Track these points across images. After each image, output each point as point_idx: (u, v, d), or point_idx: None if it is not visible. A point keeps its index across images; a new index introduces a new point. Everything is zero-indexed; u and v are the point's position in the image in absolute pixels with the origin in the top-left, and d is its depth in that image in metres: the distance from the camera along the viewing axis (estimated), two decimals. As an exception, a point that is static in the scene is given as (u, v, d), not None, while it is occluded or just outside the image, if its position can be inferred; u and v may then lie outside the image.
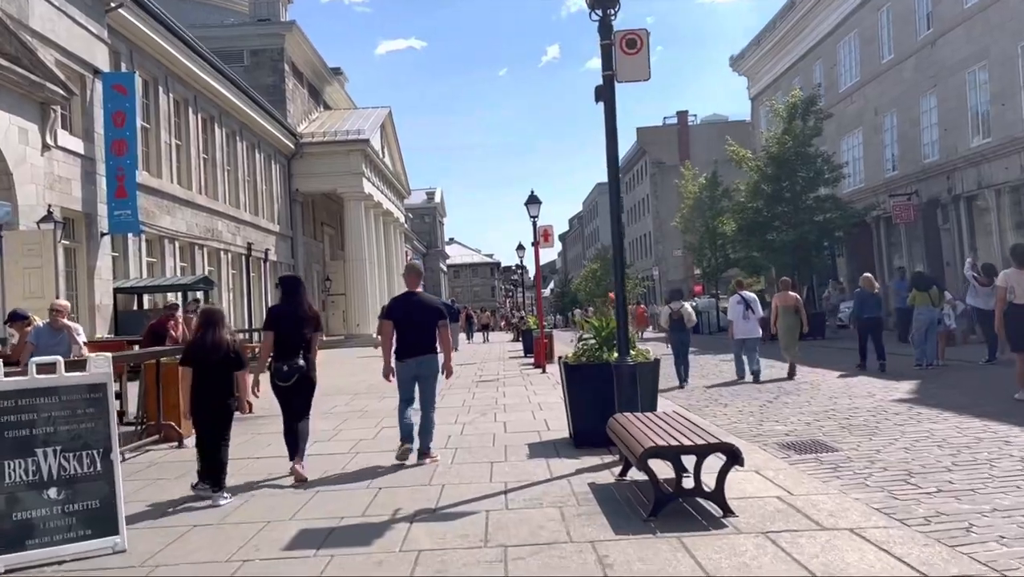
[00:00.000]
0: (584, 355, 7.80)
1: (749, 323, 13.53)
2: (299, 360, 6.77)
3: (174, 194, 25.14)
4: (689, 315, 13.92)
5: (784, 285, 14.80)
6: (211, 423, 6.33)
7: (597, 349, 7.80)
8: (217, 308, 7.41)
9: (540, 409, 10.70)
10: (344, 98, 51.93)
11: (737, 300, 13.86)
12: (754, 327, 13.57)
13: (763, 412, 9.70)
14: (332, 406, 11.93)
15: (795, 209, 25.34)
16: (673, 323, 13.74)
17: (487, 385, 14.49)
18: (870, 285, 14.59)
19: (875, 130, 28.18)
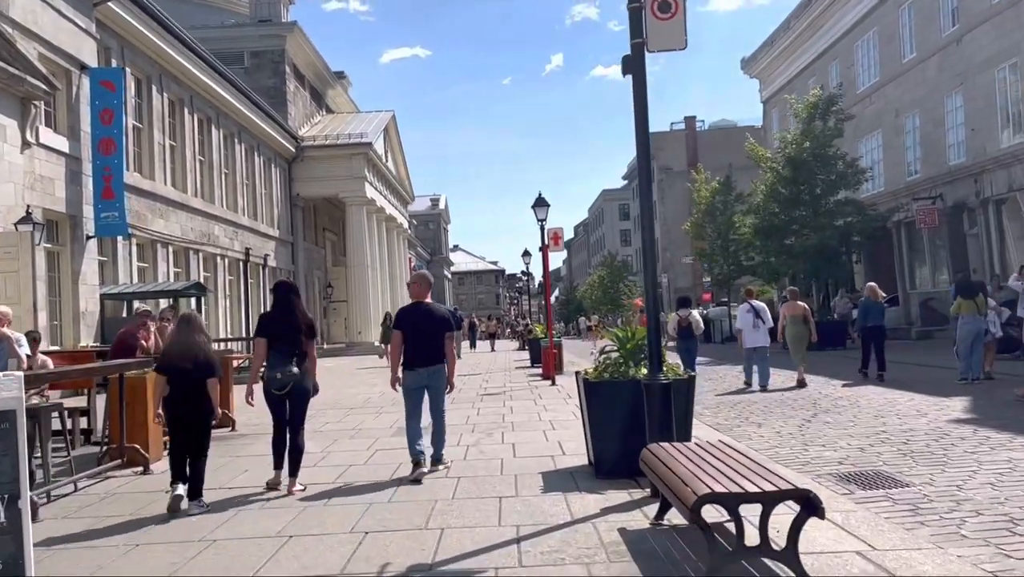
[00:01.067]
0: (607, 370, 6.74)
1: (759, 332, 13.44)
2: (293, 368, 6.58)
3: (167, 197, 24.18)
4: (697, 323, 13.86)
5: (793, 295, 14.82)
6: (185, 433, 6.21)
7: (622, 363, 6.74)
8: (195, 314, 6.99)
9: (552, 428, 9.65)
10: (347, 102, 51.06)
11: (747, 309, 13.74)
12: (764, 336, 13.48)
13: (804, 434, 8.63)
14: (323, 423, 10.88)
15: (814, 213, 24.25)
16: (681, 330, 13.68)
17: (493, 399, 13.44)
18: (874, 294, 14.58)
19: (896, 132, 27.13)
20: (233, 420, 10.62)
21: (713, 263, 34.00)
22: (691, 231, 35.55)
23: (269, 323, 6.81)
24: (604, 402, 6.58)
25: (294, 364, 6.58)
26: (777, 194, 24.74)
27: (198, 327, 6.49)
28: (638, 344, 6.85)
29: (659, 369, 5.98)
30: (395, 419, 11.06)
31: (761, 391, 12.96)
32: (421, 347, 7.16)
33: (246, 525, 5.61)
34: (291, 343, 6.63)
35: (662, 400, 5.85)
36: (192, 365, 6.16)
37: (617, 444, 6.51)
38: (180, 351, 6.24)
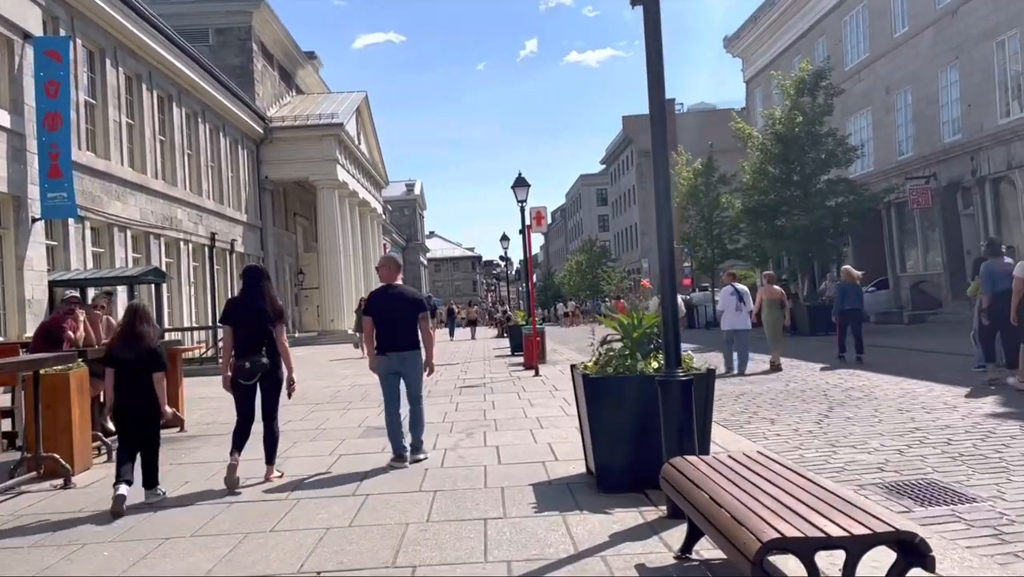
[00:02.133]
0: (610, 364, 5.67)
1: (741, 315, 13.58)
2: (262, 356, 6.28)
3: (125, 178, 22.79)
4: (680, 307, 13.13)
5: (769, 279, 14.90)
6: (134, 428, 5.94)
7: (627, 356, 5.68)
8: (142, 304, 6.58)
9: (540, 427, 8.59)
10: (318, 83, 49.55)
11: (730, 291, 13.82)
12: (745, 319, 13.62)
13: (827, 431, 7.64)
14: (284, 422, 9.69)
15: (805, 193, 23.32)
16: None
17: (472, 392, 12.36)
18: (850, 277, 14.73)
19: (886, 109, 26.27)
20: (182, 419, 9.46)
21: (696, 247, 33.06)
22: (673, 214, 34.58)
23: (236, 309, 6.51)
24: (608, 402, 5.51)
25: (263, 352, 6.28)
26: (766, 173, 23.77)
27: (145, 317, 6.15)
28: (646, 333, 5.79)
29: (677, 363, 4.92)
30: (364, 416, 9.98)
31: (739, 375, 13.00)
32: (390, 332, 6.95)
33: (168, 561, 4.49)
34: (260, 330, 6.33)
35: (682, 400, 4.80)
36: (135, 357, 5.89)
37: (624, 451, 5.47)
38: (126, 342, 5.98)
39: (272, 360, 6.32)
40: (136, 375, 5.88)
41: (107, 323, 9.11)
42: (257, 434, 6.58)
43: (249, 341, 6.30)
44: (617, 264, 72.95)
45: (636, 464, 5.44)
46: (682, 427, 4.81)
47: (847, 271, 15.05)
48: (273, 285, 6.95)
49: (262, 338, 6.31)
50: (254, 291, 6.48)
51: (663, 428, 4.87)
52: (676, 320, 4.99)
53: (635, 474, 5.43)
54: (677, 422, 4.82)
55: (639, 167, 69.89)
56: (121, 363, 5.91)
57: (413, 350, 7.01)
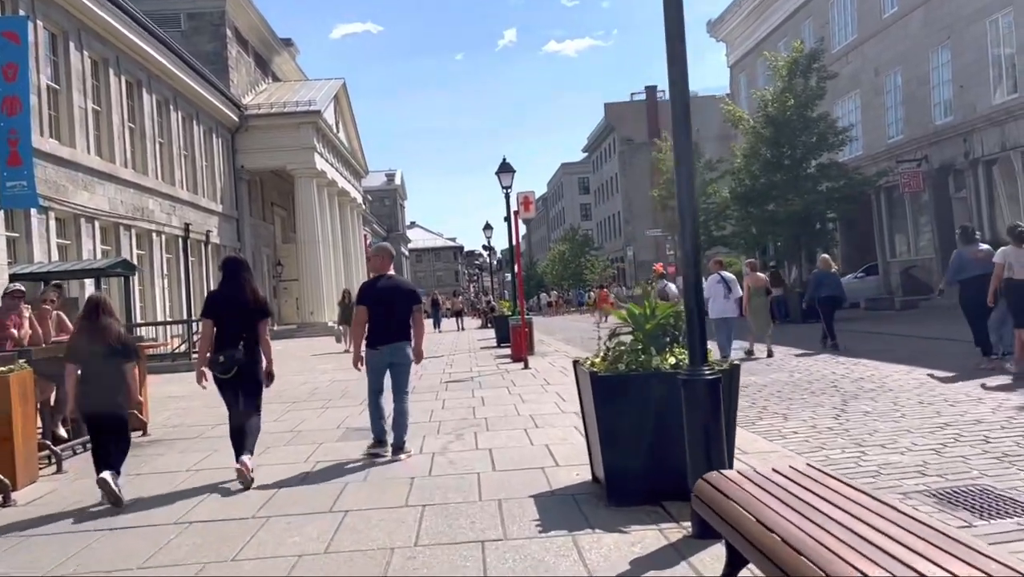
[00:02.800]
0: (621, 360, 5.01)
1: (728, 303, 13.47)
2: (239, 350, 6.06)
3: (91, 166, 21.86)
4: (674, 295, 13.62)
5: (752, 266, 15.00)
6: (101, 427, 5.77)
7: (640, 350, 5.02)
8: (103, 296, 6.29)
9: (535, 426, 7.93)
10: (295, 70, 48.50)
11: (717, 280, 13.64)
12: (733, 307, 13.53)
13: (848, 428, 7.04)
14: (256, 423, 9.03)
15: (795, 177, 22.78)
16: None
17: (459, 387, 11.69)
18: (827, 265, 14.93)
19: (875, 92, 25.78)
20: (144, 422, 8.72)
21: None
22: (657, 202, 33.99)
23: (216, 302, 6.32)
24: (620, 403, 4.86)
25: (241, 346, 6.07)
26: (757, 157, 23.19)
27: (107, 309, 5.89)
28: (660, 325, 5.14)
29: (703, 359, 4.27)
30: (344, 416, 9.29)
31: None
32: (385, 324, 6.78)
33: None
34: (239, 324, 6.14)
35: (709, 402, 4.16)
36: (104, 349, 5.67)
37: (638, 458, 4.83)
38: (90, 336, 5.73)
39: (251, 355, 6.12)
40: (100, 369, 5.67)
41: (57, 319, 8.37)
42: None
43: (229, 335, 6.10)
44: (600, 253, 72.46)
45: (652, 472, 4.81)
46: (708, 432, 4.18)
47: (825, 260, 15.22)
48: (253, 276, 6.71)
49: (240, 332, 6.11)
50: (235, 283, 6.27)
51: (687, 433, 4.24)
52: (701, 310, 4.34)
53: (650, 484, 4.80)
54: (703, 426, 4.18)
55: (622, 154, 69.35)
56: (85, 358, 5.69)
57: (404, 342, 6.85)
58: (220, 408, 10.10)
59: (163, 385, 13.69)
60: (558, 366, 13.93)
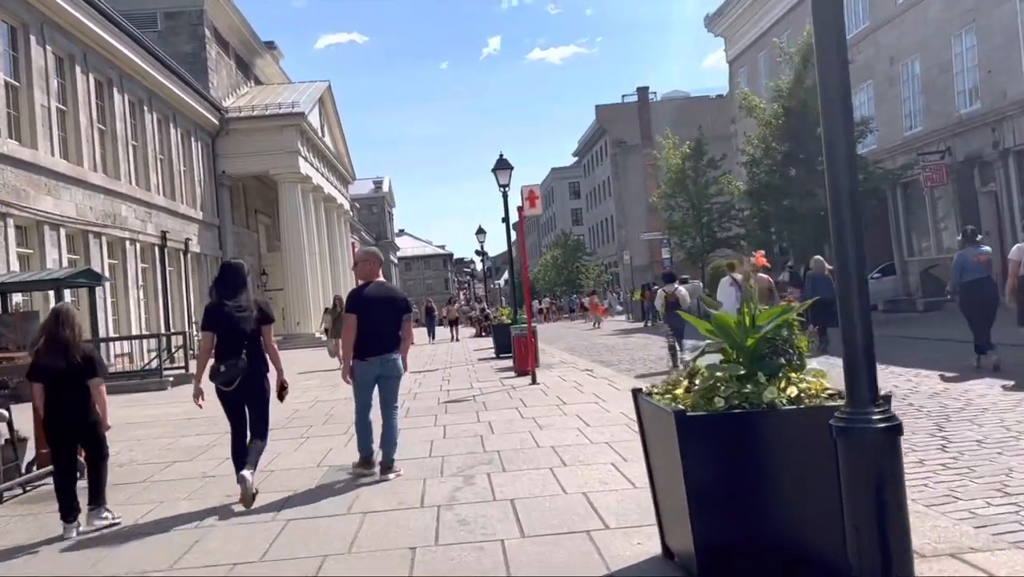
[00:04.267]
0: (718, 391, 3.48)
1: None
2: (241, 360, 5.73)
3: (56, 170, 20.27)
4: (684, 298, 14.05)
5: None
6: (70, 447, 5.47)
7: (742, 377, 3.49)
8: (67, 307, 5.76)
9: (562, 463, 6.41)
10: (278, 73, 46.95)
11: (729, 283, 13.20)
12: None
13: (970, 465, 5.52)
14: (218, 463, 7.47)
15: (809, 172, 21.35)
16: (669, 305, 13.77)
17: (461, 409, 10.14)
18: (821, 268, 14.62)
19: (890, 82, 24.44)
20: (80, 462, 7.14)
21: (684, 236, 31.02)
22: (659, 202, 32.55)
23: (215, 312, 5.90)
24: (720, 452, 3.35)
25: (243, 356, 5.74)
26: (772, 150, 21.75)
27: (68, 322, 5.46)
28: (768, 339, 3.62)
29: (871, 398, 2.76)
30: (327, 449, 7.76)
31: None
32: (376, 333, 6.36)
33: None
34: (240, 333, 5.80)
35: (886, 462, 2.67)
36: (66, 366, 5.33)
37: (747, 529, 3.32)
38: (49, 352, 5.38)
39: (255, 365, 5.79)
40: (68, 386, 5.33)
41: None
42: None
43: (229, 346, 5.77)
44: (593, 258, 71.01)
45: (770, 551, 3.30)
46: (884, 508, 2.67)
47: (819, 261, 14.92)
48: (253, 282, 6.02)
49: (242, 341, 5.77)
50: (232, 290, 5.92)
51: (847, 506, 2.74)
52: (867, 324, 2.83)
53: (766, 566, 3.29)
54: (876, 500, 2.67)
55: (614, 157, 67.96)
56: (50, 375, 5.32)
57: (394, 353, 6.43)
58: (181, 440, 8.49)
59: (121, 408, 12.10)
60: (570, 380, 12.41)
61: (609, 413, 8.76)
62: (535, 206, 12.21)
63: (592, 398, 10.08)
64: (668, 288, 14.16)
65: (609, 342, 23.56)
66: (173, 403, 13.53)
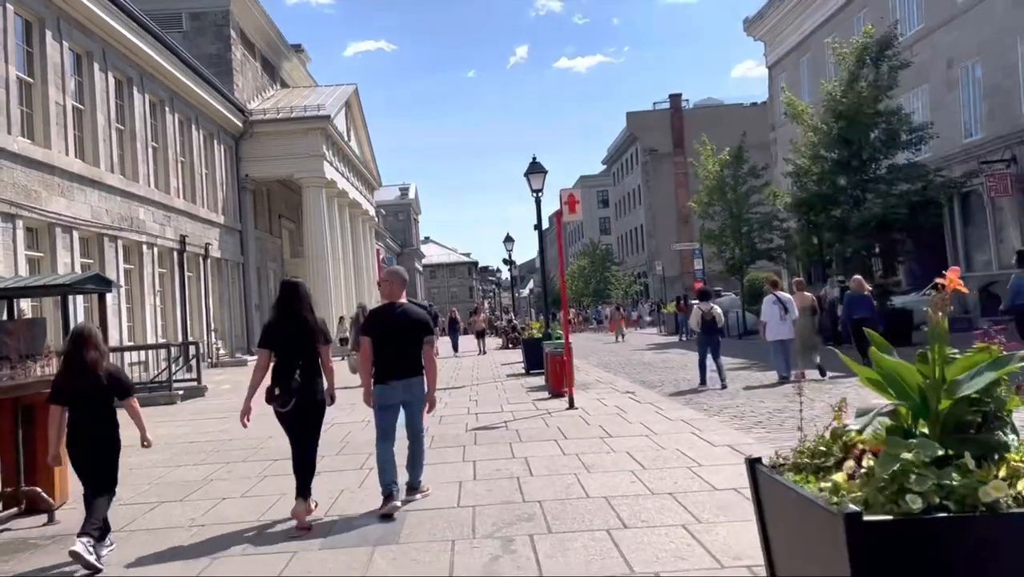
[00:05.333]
0: (908, 483, 2.30)
1: (785, 324, 13.21)
2: (295, 380, 5.65)
3: (70, 170, 19.46)
4: (720, 316, 13.96)
5: (799, 285, 14.62)
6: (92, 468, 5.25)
7: (940, 463, 2.30)
8: (88, 327, 5.44)
9: (622, 523, 5.22)
10: (305, 77, 46.31)
11: (772, 300, 13.42)
12: (789, 329, 13.23)
13: None
14: (211, 505, 6.37)
15: (863, 180, 19.97)
16: (705, 324, 13.61)
17: (492, 440, 8.97)
18: (860, 287, 14.67)
19: (948, 86, 23.02)
20: (50, 502, 6.10)
21: (723, 246, 29.66)
22: (696, 209, 31.22)
23: (272, 330, 5.89)
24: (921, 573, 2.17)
25: (298, 376, 5.66)
26: (821, 158, 20.38)
27: (91, 342, 5.26)
28: (975, 400, 2.42)
29: None
30: (337, 489, 6.61)
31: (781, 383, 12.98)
32: (395, 357, 6.15)
33: None
34: (296, 352, 5.74)
35: None
36: (91, 387, 5.18)
37: None
38: (71, 374, 5.22)
39: (309, 385, 5.74)
40: (93, 408, 5.24)
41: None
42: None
43: (285, 365, 5.75)
44: (622, 268, 69.66)
45: None
46: None
47: (858, 281, 14.94)
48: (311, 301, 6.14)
49: (297, 360, 5.74)
50: (289, 308, 5.91)
51: None
52: None
53: None
54: None
55: (645, 165, 66.72)
56: (74, 398, 5.22)
57: (418, 377, 6.18)
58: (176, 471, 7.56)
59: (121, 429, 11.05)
60: (611, 405, 11.22)
61: (664, 451, 7.58)
62: (575, 211, 11.05)
63: (641, 430, 8.89)
64: (704, 306, 13.79)
65: (645, 358, 22.32)
66: (180, 421, 12.51)
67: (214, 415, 13.01)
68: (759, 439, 8.05)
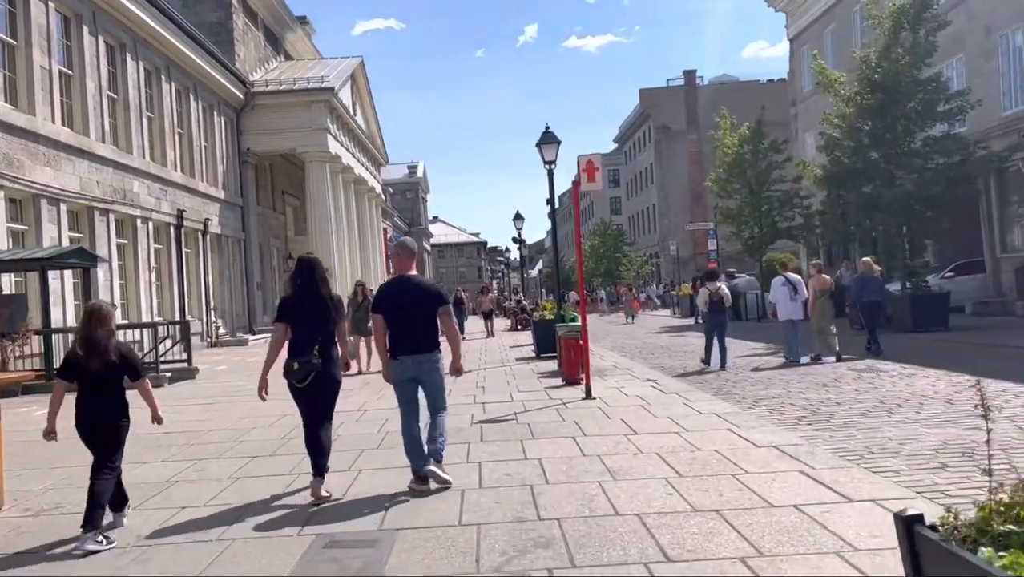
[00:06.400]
0: None
1: (795, 305, 13.49)
2: (314, 356, 5.65)
3: (57, 138, 18.42)
4: (727, 296, 13.82)
5: (817, 268, 14.69)
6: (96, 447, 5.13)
7: None
8: (99, 305, 5.34)
9: (663, 553, 4.17)
10: (310, 50, 45.05)
11: (782, 282, 13.70)
12: (799, 309, 13.49)
13: None
14: (169, 516, 5.35)
15: (896, 153, 18.72)
16: (712, 305, 13.52)
17: (501, 434, 7.93)
18: (870, 269, 14.71)
19: (985, 55, 21.69)
20: None
21: (742, 225, 28.44)
22: (713, 187, 29.99)
23: (289, 305, 5.89)
24: None
25: (316, 351, 5.65)
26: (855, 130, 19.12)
27: (101, 320, 5.16)
28: None
29: None
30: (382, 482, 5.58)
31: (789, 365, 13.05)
32: (406, 331, 5.93)
33: None
34: (312, 327, 5.73)
35: None
36: (101, 368, 5.06)
37: None
38: (85, 351, 5.08)
39: (327, 361, 5.70)
40: (103, 388, 5.10)
41: None
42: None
43: (304, 340, 5.69)
44: (633, 248, 68.38)
45: None
46: None
47: (867, 263, 14.93)
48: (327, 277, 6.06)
49: (315, 336, 5.69)
50: (309, 285, 5.85)
51: None
52: None
53: None
54: None
55: (658, 144, 65.29)
56: (85, 376, 5.06)
57: (433, 352, 5.99)
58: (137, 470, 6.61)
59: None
60: (631, 395, 10.17)
61: (700, 452, 6.52)
62: (594, 180, 9.94)
63: (669, 425, 7.83)
64: (711, 286, 13.67)
65: (661, 341, 21.25)
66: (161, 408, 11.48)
67: (199, 401, 12.00)
68: (807, 438, 7.00)
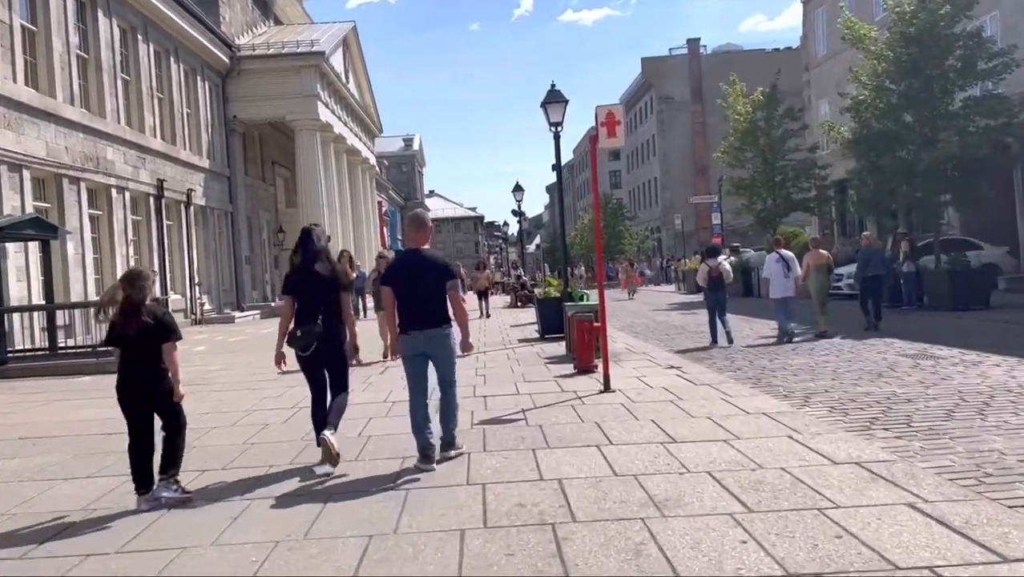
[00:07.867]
0: None
1: (788, 282, 13.35)
2: (317, 325, 5.74)
3: (18, 99, 16.92)
4: (728, 273, 13.65)
5: (815, 243, 14.75)
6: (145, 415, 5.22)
7: None
8: (135, 269, 5.49)
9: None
10: (301, 14, 43.25)
11: (776, 259, 13.55)
12: (791, 286, 13.37)
13: None
14: (79, 563, 3.96)
15: (932, 116, 17.23)
16: (712, 281, 13.38)
17: (507, 440, 6.53)
18: (873, 242, 14.91)
19: (1021, 11, 20.15)
20: None
21: (755, 197, 26.96)
22: (724, 158, 28.48)
23: (294, 277, 5.97)
24: None
25: (319, 321, 5.73)
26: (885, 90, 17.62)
27: (138, 284, 5.12)
28: None
29: None
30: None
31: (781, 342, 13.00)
32: (414, 305, 5.87)
33: None
34: (316, 299, 5.81)
35: None
36: (136, 330, 5.03)
37: None
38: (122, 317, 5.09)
39: (331, 330, 5.78)
40: (139, 352, 5.08)
41: None
42: None
43: (308, 311, 5.79)
44: (635, 222, 66.88)
45: None
46: None
47: (870, 236, 15.10)
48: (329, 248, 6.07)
49: (318, 306, 5.77)
50: (311, 257, 5.87)
51: None
52: None
53: None
54: None
55: (660, 115, 63.57)
56: (123, 341, 5.10)
57: (443, 327, 5.85)
58: (59, 487, 4.95)
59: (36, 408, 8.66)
60: (656, 387, 8.78)
61: (764, 472, 5.10)
62: (615, 135, 8.49)
63: (713, 430, 6.44)
64: (712, 262, 13.48)
65: (672, 320, 19.88)
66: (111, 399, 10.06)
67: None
68: (893, 450, 5.61)
